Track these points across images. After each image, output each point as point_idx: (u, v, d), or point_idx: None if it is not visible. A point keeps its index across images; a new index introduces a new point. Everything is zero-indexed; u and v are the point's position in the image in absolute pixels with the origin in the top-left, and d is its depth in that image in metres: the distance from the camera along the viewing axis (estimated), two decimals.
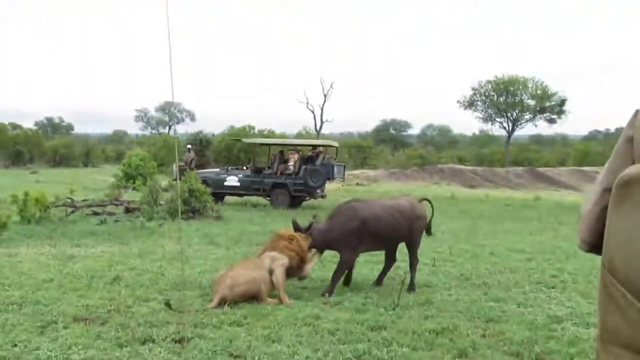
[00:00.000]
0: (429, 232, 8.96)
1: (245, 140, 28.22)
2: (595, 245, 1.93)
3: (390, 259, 8.82)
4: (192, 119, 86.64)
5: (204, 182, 19.23)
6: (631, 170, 1.71)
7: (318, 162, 21.68)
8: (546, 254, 11.50)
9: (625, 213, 1.72)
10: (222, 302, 7.19)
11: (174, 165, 25.33)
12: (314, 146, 23.81)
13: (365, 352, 5.65)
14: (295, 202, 21.35)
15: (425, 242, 12.74)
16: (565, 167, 49.92)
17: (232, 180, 21.52)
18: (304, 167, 21.21)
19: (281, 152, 22.80)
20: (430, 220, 8.86)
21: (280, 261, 7.82)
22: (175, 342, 5.79)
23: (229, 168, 23.78)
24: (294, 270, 8.03)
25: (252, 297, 7.42)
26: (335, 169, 21.85)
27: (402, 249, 8.73)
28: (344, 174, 23.30)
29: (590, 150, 59.25)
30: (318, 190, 21.40)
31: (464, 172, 44.10)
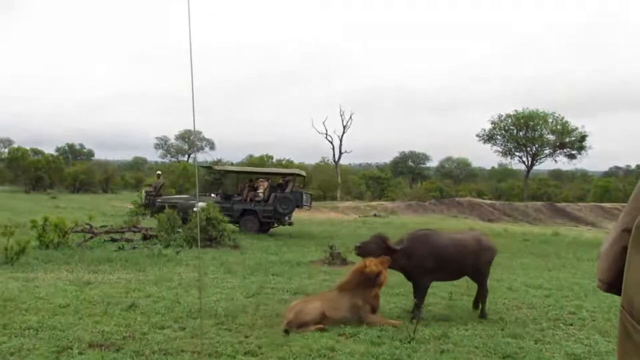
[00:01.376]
0: None
1: (216, 167, 29.46)
2: (613, 285, 1.93)
3: (482, 289, 9.00)
4: (212, 147, 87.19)
5: (173, 207, 20.05)
6: None
7: (288, 190, 22.55)
8: (564, 290, 11.38)
9: None
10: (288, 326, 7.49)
11: (143, 191, 26.10)
12: (284, 175, 24.58)
13: None
14: (263, 228, 22.15)
15: None
16: (584, 203, 49.55)
17: (201, 207, 21.76)
18: (273, 194, 22.05)
19: (250, 180, 23.61)
20: None
21: (365, 312, 8.04)
22: None
23: (199, 195, 24.46)
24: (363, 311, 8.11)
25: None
26: (304, 196, 22.74)
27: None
28: (310, 202, 24.10)
29: (610, 186, 58.83)
30: (286, 217, 22.27)
31: (482, 206, 43.91)
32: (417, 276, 8.60)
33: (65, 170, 60.52)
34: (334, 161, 61.93)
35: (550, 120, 61.29)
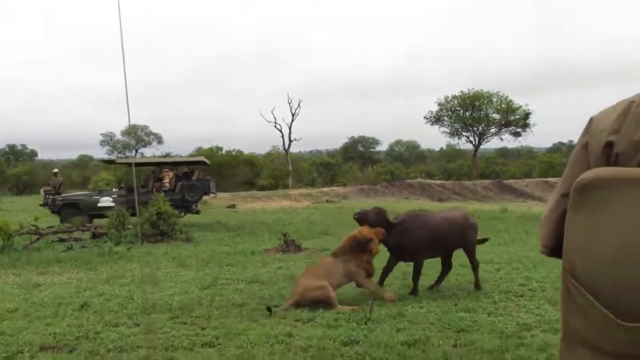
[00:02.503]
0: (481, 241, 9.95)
1: (118, 160, 29.17)
2: (555, 249, 1.98)
3: (447, 266, 9.59)
4: (160, 141, 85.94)
5: (75, 205, 20.20)
6: (587, 175, 1.77)
7: (194, 178, 22.59)
8: (514, 263, 11.64)
9: (582, 216, 1.77)
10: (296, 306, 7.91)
11: (42, 190, 25.67)
12: (188, 163, 24.69)
13: None
14: None
15: None
16: (530, 179, 50.59)
17: (106, 201, 21.56)
18: (180, 183, 22.02)
19: (154, 171, 23.53)
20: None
21: (360, 277, 8.55)
22: None
23: (102, 190, 24.51)
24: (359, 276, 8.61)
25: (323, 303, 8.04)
26: (211, 183, 22.93)
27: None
28: (215, 189, 24.38)
29: (555, 161, 60.19)
30: (194, 206, 22.32)
31: (432, 187, 44.44)
32: (414, 254, 9.04)
33: (7, 172, 59.01)
34: (284, 149, 61.76)
35: (494, 99, 62.27)
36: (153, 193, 21.41)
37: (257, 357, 6.00)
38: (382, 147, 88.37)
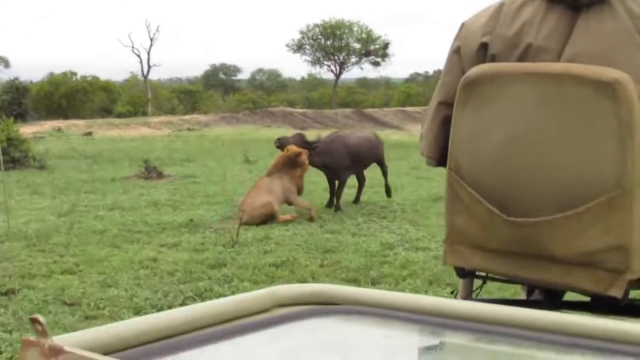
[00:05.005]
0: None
1: None
2: (440, 159, 1.98)
3: (362, 180, 10.38)
4: (7, 65, 79.92)
5: None
6: (474, 71, 1.75)
7: None
8: (376, 187, 11.91)
9: (469, 112, 1.75)
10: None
11: None
12: None
13: (207, 289, 5.60)
14: None
15: None
16: (389, 108, 52.06)
17: None
18: None
19: None
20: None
21: (293, 194, 9.06)
22: (2, 294, 5.40)
23: None
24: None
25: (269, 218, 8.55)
26: None
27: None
28: None
29: (412, 91, 62.16)
30: None
31: (294, 115, 44.68)
32: (339, 173, 9.64)
33: None
34: (143, 76, 59.49)
35: (355, 29, 62.92)
36: None
37: (121, 282, 5.81)
38: (244, 76, 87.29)
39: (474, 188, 1.74)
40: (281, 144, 9.53)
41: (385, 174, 10.41)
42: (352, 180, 10.59)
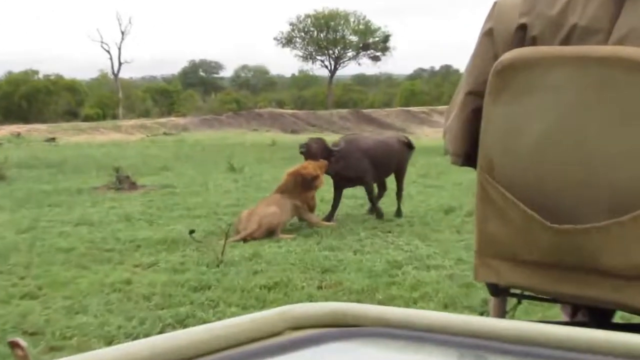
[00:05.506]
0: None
1: None
2: (467, 156, 1.93)
3: (383, 188, 10.47)
4: None
5: None
6: (509, 55, 1.70)
7: None
8: (383, 198, 11.89)
9: (502, 103, 1.71)
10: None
11: None
12: None
13: (189, 315, 5.53)
14: None
15: (249, 192, 12.83)
16: (391, 108, 52.23)
17: None
18: None
19: None
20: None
21: (305, 211, 9.38)
22: None
23: None
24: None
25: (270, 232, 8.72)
26: None
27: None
28: None
29: (416, 89, 62.40)
30: None
31: (284, 117, 44.79)
32: (362, 178, 9.77)
33: None
34: (114, 74, 59.48)
35: (352, 20, 63.14)
36: None
37: (90, 308, 5.74)
38: (227, 73, 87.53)
39: (509, 190, 1.70)
40: (307, 149, 9.46)
41: (399, 188, 10.30)
42: (352, 191, 10.57)
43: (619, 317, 1.92)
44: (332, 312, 1.18)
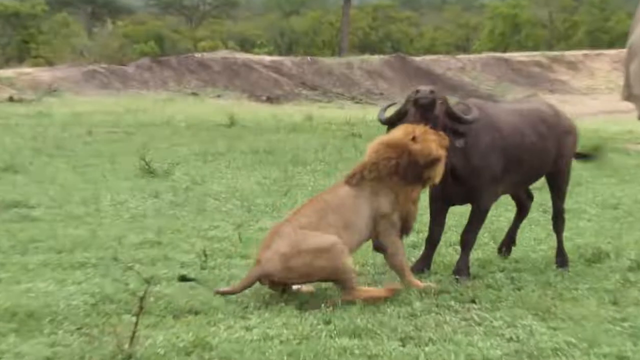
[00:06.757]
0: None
1: None
2: None
3: (527, 201, 8.64)
4: None
5: None
6: None
7: None
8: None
9: None
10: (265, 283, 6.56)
11: None
12: None
13: None
14: None
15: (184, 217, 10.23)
16: (470, 55, 50.00)
17: None
18: None
19: None
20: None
21: (389, 220, 6.94)
22: None
23: None
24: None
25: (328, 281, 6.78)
26: None
27: None
28: None
29: (520, 18, 55.83)
30: None
31: (253, 69, 43.03)
32: (483, 187, 7.59)
33: None
34: None
35: None
36: None
37: None
38: None
39: None
40: (393, 118, 7.18)
41: (555, 203, 8.43)
42: None
43: None
44: None
